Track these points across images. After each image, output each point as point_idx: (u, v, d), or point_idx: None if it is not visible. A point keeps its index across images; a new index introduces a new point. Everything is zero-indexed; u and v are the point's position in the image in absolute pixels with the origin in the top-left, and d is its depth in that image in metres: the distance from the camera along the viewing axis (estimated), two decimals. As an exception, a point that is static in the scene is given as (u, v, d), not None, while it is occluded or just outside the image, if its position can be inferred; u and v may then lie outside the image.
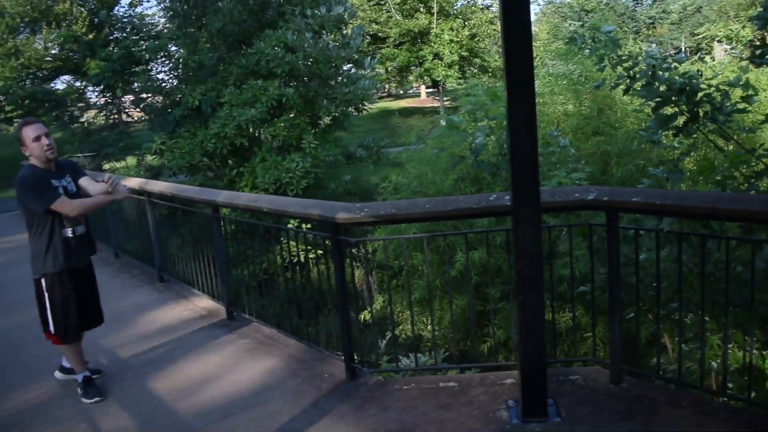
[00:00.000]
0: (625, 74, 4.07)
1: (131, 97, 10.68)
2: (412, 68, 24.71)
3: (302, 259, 6.09)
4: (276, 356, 4.32)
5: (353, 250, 9.55)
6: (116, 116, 10.45)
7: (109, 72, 10.09)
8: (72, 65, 22.33)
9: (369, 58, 11.31)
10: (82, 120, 11.21)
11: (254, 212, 4.60)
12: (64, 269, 3.71)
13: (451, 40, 23.48)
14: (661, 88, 3.90)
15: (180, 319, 5.30)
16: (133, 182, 6.64)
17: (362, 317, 7.26)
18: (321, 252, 5.78)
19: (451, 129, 4.71)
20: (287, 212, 3.84)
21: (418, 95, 34.82)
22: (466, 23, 23.67)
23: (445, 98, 26.96)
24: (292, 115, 9.25)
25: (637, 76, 4.02)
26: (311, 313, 4.88)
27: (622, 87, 4.19)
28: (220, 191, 5.00)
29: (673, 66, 3.97)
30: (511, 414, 3.28)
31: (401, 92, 37.52)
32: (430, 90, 34.66)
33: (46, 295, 3.71)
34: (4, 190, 20.14)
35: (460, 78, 24.30)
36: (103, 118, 11.30)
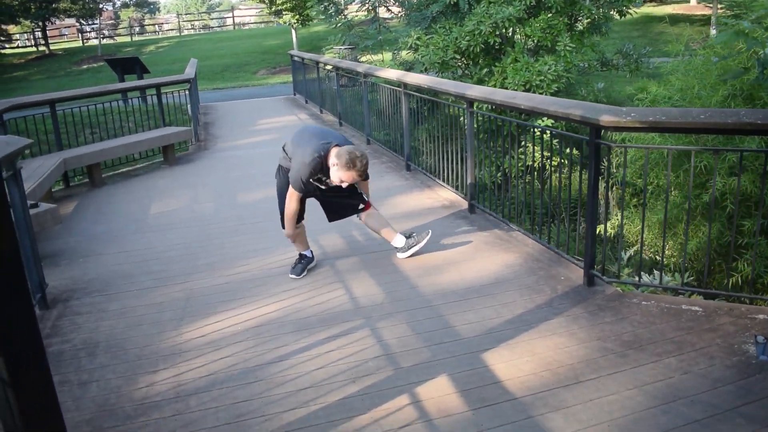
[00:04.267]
0: None
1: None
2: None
3: (544, 161, 6.01)
4: (513, 252, 4.43)
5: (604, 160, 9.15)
6: (376, 10, 10.89)
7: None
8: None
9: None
10: (346, 13, 11.89)
11: (509, 109, 4.61)
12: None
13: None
14: None
15: (424, 206, 5.63)
16: (392, 74, 6.98)
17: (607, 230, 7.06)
18: (563, 157, 5.65)
19: (738, 35, 4.18)
20: (547, 111, 3.78)
21: (687, 1, 30.95)
22: None
23: (719, 5, 23.69)
24: (549, 16, 8.86)
25: None
26: (555, 217, 4.87)
27: None
28: (475, 86, 5.07)
29: None
30: (759, 350, 3.04)
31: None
32: (703, -5, 30.56)
33: None
34: (275, 76, 22.40)
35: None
36: (365, 11, 11.86)
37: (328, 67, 11.00)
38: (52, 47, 33.10)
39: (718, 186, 5.99)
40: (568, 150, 7.42)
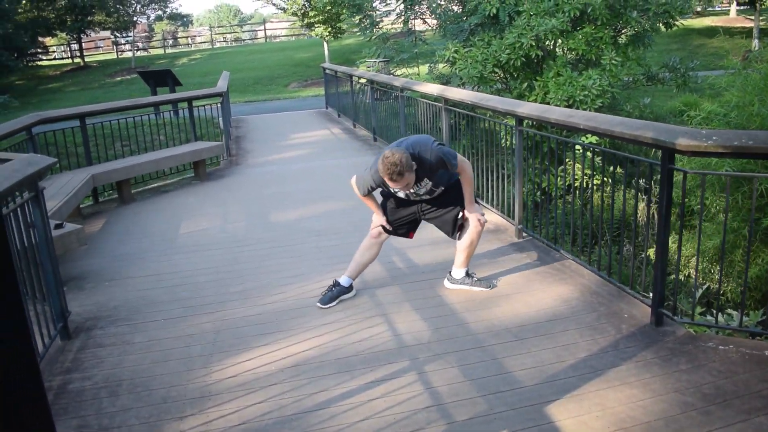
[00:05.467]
0: None
1: (426, 4, 10.70)
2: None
3: (604, 185, 5.58)
4: (568, 284, 4.07)
5: (642, 181, 8.72)
6: (413, 22, 10.58)
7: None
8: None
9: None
10: (381, 26, 11.63)
11: (565, 128, 4.27)
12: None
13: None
14: None
15: (466, 229, 5.28)
16: (432, 88, 6.69)
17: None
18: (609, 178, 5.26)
19: None
20: (612, 132, 3.44)
21: (727, 13, 30.19)
22: None
23: (761, 18, 22.98)
24: (594, 28, 8.47)
25: None
26: (611, 244, 4.51)
27: None
28: (525, 103, 4.74)
29: None
30: None
31: (706, 9, 32.91)
32: (742, 8, 29.79)
33: None
34: (306, 89, 22.30)
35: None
36: (401, 24, 11.57)
37: (362, 81, 10.75)
38: (87, 59, 33.55)
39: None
40: (614, 169, 7.00)
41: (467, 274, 4.05)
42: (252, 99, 20.29)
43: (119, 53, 38.59)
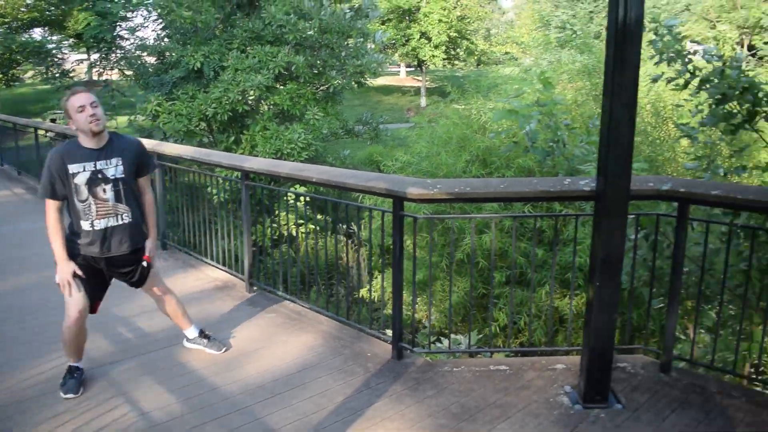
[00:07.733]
0: (688, 70, 4.02)
1: (119, 54, 10.09)
2: (397, 46, 24.22)
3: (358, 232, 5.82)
4: (310, 332, 4.16)
5: (344, 226, 9.30)
6: (109, 72, 9.87)
7: (103, 25, 9.47)
8: (48, 18, 21.15)
9: (380, 31, 11.02)
10: (71, 75, 10.60)
11: (292, 181, 4.39)
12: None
13: (440, 20, 23.03)
14: (725, 86, 3.86)
15: (194, 289, 5.06)
16: (144, 143, 6.31)
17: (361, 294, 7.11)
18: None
19: (511, 113, 4.53)
20: (345, 184, 3.64)
21: (398, 73, 34.51)
22: (458, 3, 23.27)
23: (427, 78, 26.74)
24: (297, 86, 8.94)
25: (700, 72, 3.97)
26: (348, 290, 4.72)
27: (679, 82, 4.12)
28: (251, 158, 4.79)
29: (736, 65, 3.93)
30: (571, 399, 3.25)
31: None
32: (410, 69, 34.40)
33: None
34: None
35: (445, 59, 24.12)
36: (96, 74, 10.71)
37: (50, 134, 9.69)
38: None
39: (470, 243, 6.47)
40: (347, 219, 7.39)
41: (201, 334, 3.89)
42: None
43: None
